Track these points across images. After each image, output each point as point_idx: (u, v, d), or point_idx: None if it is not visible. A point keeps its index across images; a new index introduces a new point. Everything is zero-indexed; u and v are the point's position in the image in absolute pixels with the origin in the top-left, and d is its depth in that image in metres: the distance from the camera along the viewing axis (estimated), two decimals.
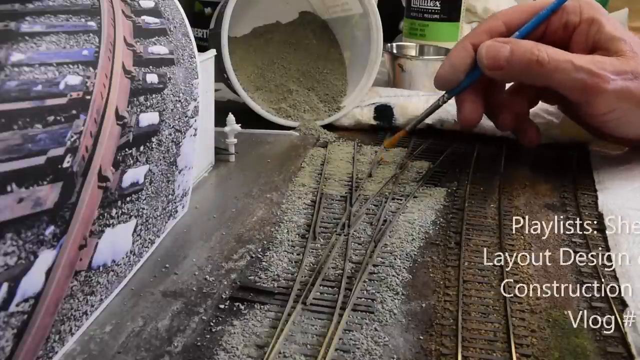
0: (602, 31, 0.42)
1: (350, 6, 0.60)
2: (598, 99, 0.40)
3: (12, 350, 0.22)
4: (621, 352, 0.27)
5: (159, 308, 0.29)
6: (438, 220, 0.38)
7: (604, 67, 0.40)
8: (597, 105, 0.41)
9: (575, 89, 0.41)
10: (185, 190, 0.37)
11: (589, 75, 0.39)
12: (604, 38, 0.42)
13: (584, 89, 0.40)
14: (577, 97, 0.42)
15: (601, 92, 0.40)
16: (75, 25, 0.26)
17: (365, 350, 0.27)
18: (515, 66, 0.41)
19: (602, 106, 0.41)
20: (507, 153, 0.50)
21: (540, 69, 0.40)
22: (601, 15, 0.43)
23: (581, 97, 0.41)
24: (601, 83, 0.39)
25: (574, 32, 0.43)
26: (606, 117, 0.42)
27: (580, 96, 0.41)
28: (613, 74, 0.40)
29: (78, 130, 0.24)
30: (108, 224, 0.27)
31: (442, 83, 0.45)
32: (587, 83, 0.40)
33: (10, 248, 0.21)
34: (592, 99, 0.41)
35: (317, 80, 0.58)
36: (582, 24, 0.43)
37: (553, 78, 0.40)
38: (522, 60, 0.40)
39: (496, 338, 0.28)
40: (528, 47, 0.40)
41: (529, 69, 0.40)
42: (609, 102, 0.41)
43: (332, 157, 0.49)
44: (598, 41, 0.42)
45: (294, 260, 0.33)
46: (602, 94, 0.40)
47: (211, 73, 0.44)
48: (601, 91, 0.40)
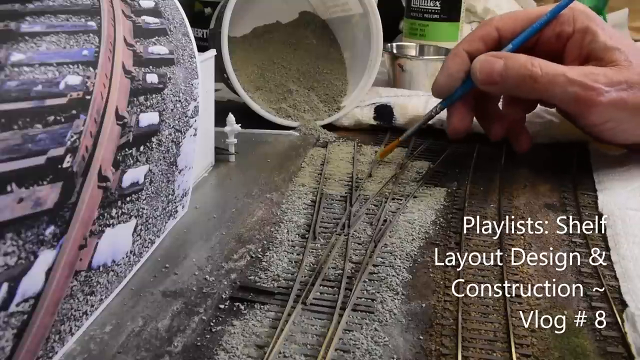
0: (596, 41, 0.42)
1: (350, 6, 0.60)
2: (592, 111, 0.40)
3: (12, 350, 0.22)
4: (621, 352, 0.27)
5: (159, 308, 0.29)
6: (438, 220, 0.38)
7: (597, 79, 0.40)
8: (592, 117, 0.41)
9: (569, 103, 0.41)
10: (185, 190, 0.37)
11: (582, 89, 0.39)
12: (598, 48, 0.42)
13: (577, 102, 0.40)
14: (571, 110, 0.42)
15: (595, 104, 0.40)
16: (75, 25, 0.26)
17: (365, 350, 0.27)
18: (509, 81, 0.41)
19: (597, 117, 0.41)
20: (507, 153, 0.50)
21: (533, 83, 0.40)
22: (595, 25, 0.42)
23: (575, 109, 0.41)
24: (595, 96, 0.39)
25: (568, 42, 0.43)
26: (602, 128, 0.42)
27: (574, 109, 0.41)
28: (607, 86, 0.40)
29: (78, 130, 0.24)
30: (108, 224, 0.27)
31: (439, 91, 0.45)
32: (581, 96, 0.40)
33: (10, 248, 0.21)
34: (586, 112, 0.41)
35: (317, 80, 0.58)
36: (575, 34, 0.43)
37: (547, 92, 0.41)
38: (516, 75, 0.41)
39: (496, 338, 0.28)
40: (522, 62, 0.41)
41: (522, 83, 0.41)
42: (603, 113, 0.41)
43: (332, 157, 0.49)
44: (592, 51, 0.42)
45: (294, 260, 0.33)
46: (597, 106, 0.40)
47: (211, 73, 0.44)
48: (595, 104, 0.40)
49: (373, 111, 0.56)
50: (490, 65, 0.41)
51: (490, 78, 0.41)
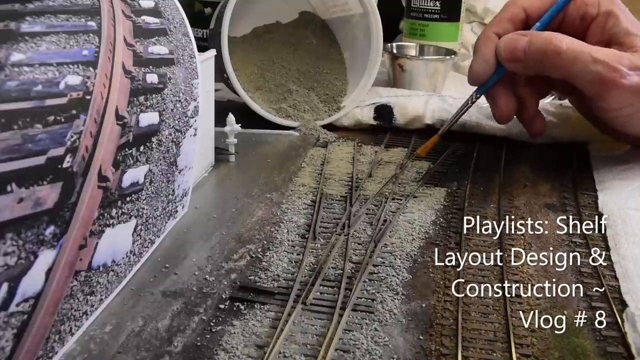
0: (619, 25, 0.42)
1: (350, 6, 0.60)
2: (613, 93, 0.40)
3: (12, 350, 0.22)
4: (621, 352, 0.27)
5: (159, 308, 0.29)
6: (438, 220, 0.38)
7: (621, 62, 0.40)
8: (611, 100, 0.41)
9: (591, 82, 0.41)
10: (185, 190, 0.37)
11: (606, 69, 0.39)
12: (620, 32, 0.42)
13: (600, 82, 0.40)
14: (592, 90, 0.42)
15: (617, 86, 0.40)
16: (75, 25, 0.26)
17: (365, 350, 0.27)
18: (534, 57, 0.41)
19: (616, 101, 0.41)
20: (507, 153, 0.50)
21: (558, 59, 0.40)
22: (619, 9, 0.43)
23: (596, 90, 0.41)
24: (618, 77, 0.39)
25: (591, 24, 0.43)
26: (618, 113, 0.42)
27: (595, 89, 0.41)
28: (630, 69, 0.40)
29: (78, 130, 0.24)
30: (108, 224, 0.27)
31: (476, 78, 0.44)
32: (604, 76, 0.40)
33: (10, 248, 0.21)
34: (606, 93, 0.41)
35: (317, 80, 0.58)
36: (599, 17, 0.43)
37: (570, 69, 0.40)
38: (540, 50, 0.41)
39: (496, 338, 0.28)
40: (546, 37, 0.41)
41: (546, 59, 0.40)
42: (623, 97, 0.40)
43: (332, 157, 0.49)
44: (614, 35, 0.42)
45: (294, 260, 0.33)
46: (618, 88, 0.40)
47: (211, 73, 0.44)
48: (617, 85, 0.40)
49: (373, 111, 0.56)
50: (514, 43, 0.41)
51: (514, 55, 0.41)
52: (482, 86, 0.44)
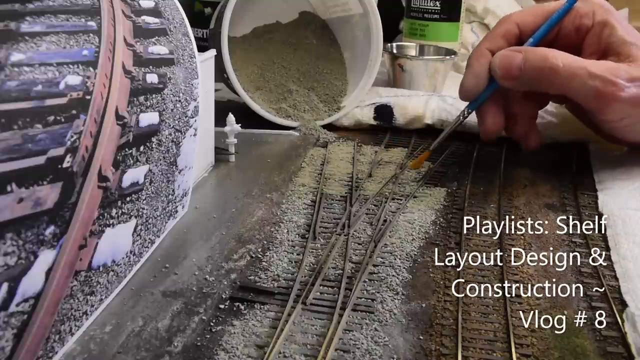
0: (615, 34, 0.42)
1: (350, 6, 0.60)
2: (611, 106, 0.40)
3: (12, 350, 0.22)
4: (621, 352, 0.27)
5: (159, 308, 0.29)
6: (438, 220, 0.38)
7: (618, 75, 0.39)
8: (610, 113, 0.41)
9: (589, 97, 0.40)
10: (185, 190, 0.37)
11: (603, 83, 0.39)
12: (616, 42, 0.42)
13: (598, 97, 0.40)
14: (590, 105, 0.41)
15: (615, 99, 0.39)
16: (75, 25, 0.26)
17: (365, 350, 0.27)
18: (529, 74, 0.40)
19: (615, 114, 0.41)
20: (507, 153, 0.50)
21: (554, 76, 0.40)
22: (614, 19, 0.42)
23: (595, 104, 0.41)
24: (616, 91, 0.39)
25: (587, 35, 0.43)
26: (617, 124, 0.42)
27: (594, 104, 0.41)
28: (627, 81, 0.39)
29: (78, 130, 0.24)
30: (108, 224, 0.27)
31: (467, 94, 0.44)
32: (602, 91, 0.39)
33: (10, 248, 0.21)
34: (605, 107, 0.40)
35: (317, 80, 0.58)
36: (594, 27, 0.43)
37: (568, 86, 0.40)
38: (536, 68, 0.40)
39: (496, 338, 0.28)
40: (542, 54, 0.40)
41: (543, 76, 0.40)
42: (621, 109, 0.40)
43: (332, 157, 0.49)
44: (610, 45, 0.42)
45: (294, 260, 0.33)
46: (616, 101, 0.39)
47: (211, 73, 0.44)
48: (615, 99, 0.39)
49: (373, 111, 0.56)
50: (509, 60, 0.41)
51: (510, 72, 0.41)
52: (474, 101, 0.44)
